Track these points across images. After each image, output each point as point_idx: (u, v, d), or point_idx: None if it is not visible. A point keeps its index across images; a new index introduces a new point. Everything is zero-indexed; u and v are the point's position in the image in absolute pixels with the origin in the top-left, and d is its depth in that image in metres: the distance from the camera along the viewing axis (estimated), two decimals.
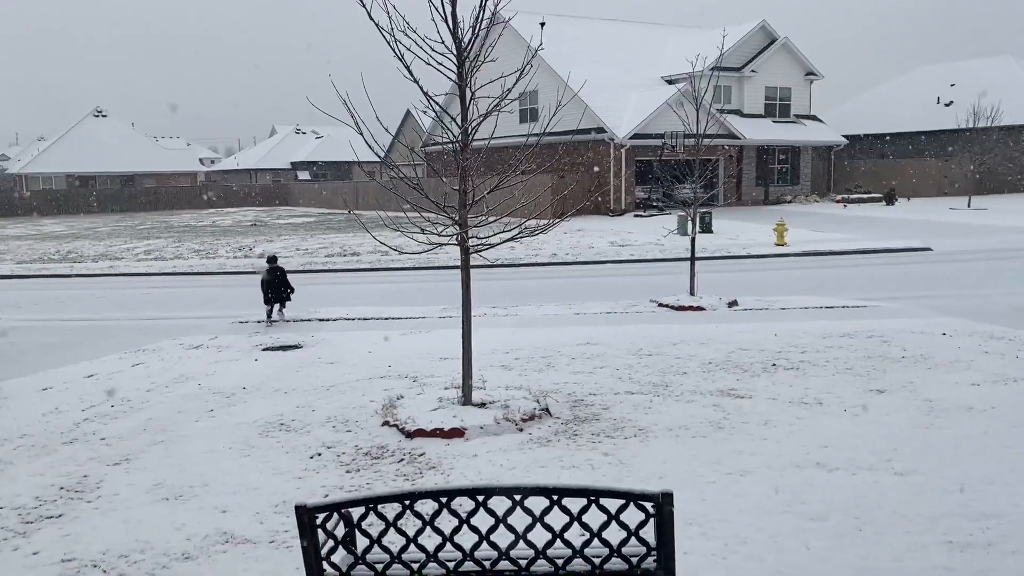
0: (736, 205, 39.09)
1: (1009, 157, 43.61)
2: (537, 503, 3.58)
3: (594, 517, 3.59)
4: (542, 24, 8.99)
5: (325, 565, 3.76)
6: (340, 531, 3.86)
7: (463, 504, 5.12)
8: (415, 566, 3.71)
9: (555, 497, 3.58)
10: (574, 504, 3.59)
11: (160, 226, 41.87)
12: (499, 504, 3.75)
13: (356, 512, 3.82)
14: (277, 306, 14.27)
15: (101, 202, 59.23)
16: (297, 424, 8.06)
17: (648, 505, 3.55)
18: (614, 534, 3.63)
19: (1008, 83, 45.17)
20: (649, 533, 3.64)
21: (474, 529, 3.64)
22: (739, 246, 23.81)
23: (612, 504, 3.55)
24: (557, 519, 3.61)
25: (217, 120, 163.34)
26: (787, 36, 41.32)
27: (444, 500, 3.64)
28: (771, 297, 15.03)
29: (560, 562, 3.66)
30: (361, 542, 3.88)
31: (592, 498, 3.58)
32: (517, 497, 3.60)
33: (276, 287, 13.98)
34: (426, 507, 5.46)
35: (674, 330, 12.05)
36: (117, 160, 67.73)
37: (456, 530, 3.68)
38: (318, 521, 3.68)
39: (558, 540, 3.64)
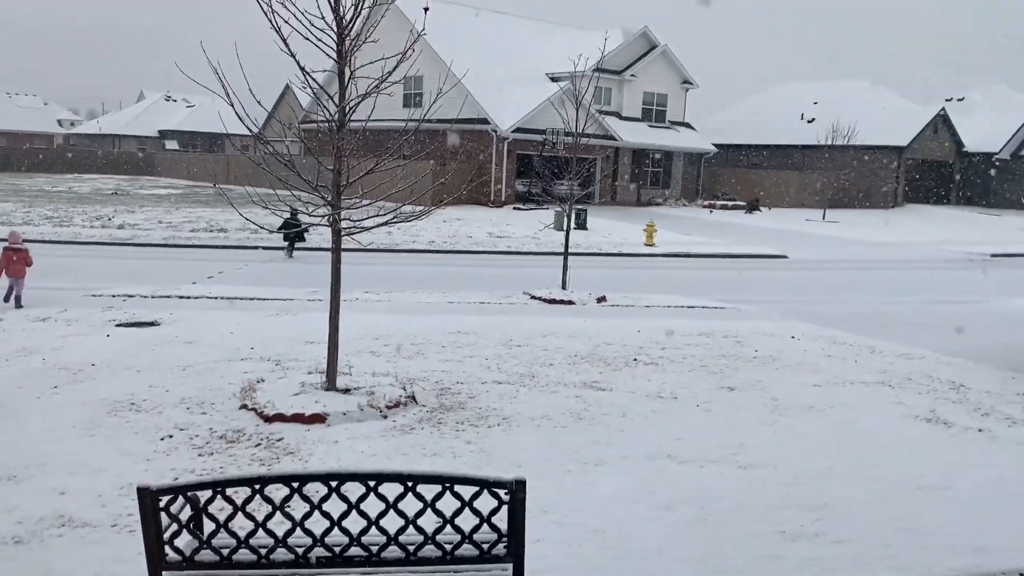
0: (610, 204, 40.13)
1: (861, 174, 46.74)
2: (393, 490, 3.57)
3: (450, 504, 3.62)
4: (426, 8, 8.95)
5: (168, 549, 3.63)
6: (186, 515, 3.73)
7: (318, 490, 5.04)
8: (263, 551, 3.64)
9: (410, 483, 3.59)
10: (429, 491, 3.61)
11: (9, 189, 38.91)
12: (354, 490, 3.71)
13: (203, 496, 3.69)
14: (288, 244, 19.02)
15: None
16: (149, 404, 7.70)
17: (502, 492, 3.62)
18: (468, 521, 3.67)
19: (864, 105, 48.31)
20: (502, 520, 3.70)
21: (326, 515, 3.60)
22: (611, 244, 24.47)
23: (467, 491, 3.59)
24: (412, 506, 3.61)
25: (79, 80, 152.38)
26: (667, 44, 42.65)
27: (296, 485, 3.59)
28: (637, 294, 15.54)
29: (411, 548, 3.67)
30: (208, 527, 3.76)
31: (447, 485, 3.61)
32: (372, 483, 3.59)
33: (292, 226, 17.25)
34: (279, 493, 5.34)
35: (544, 322, 12.26)
36: None
37: (307, 516, 3.63)
38: (162, 504, 3.55)
39: (411, 527, 3.65)
